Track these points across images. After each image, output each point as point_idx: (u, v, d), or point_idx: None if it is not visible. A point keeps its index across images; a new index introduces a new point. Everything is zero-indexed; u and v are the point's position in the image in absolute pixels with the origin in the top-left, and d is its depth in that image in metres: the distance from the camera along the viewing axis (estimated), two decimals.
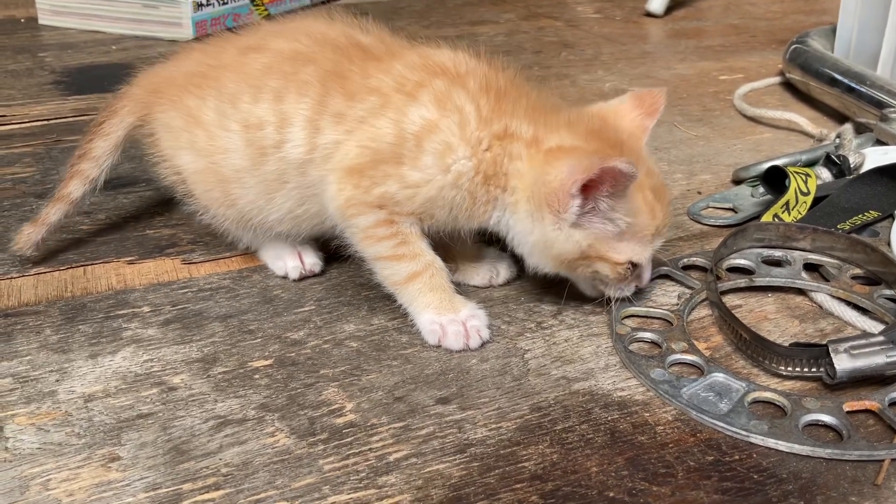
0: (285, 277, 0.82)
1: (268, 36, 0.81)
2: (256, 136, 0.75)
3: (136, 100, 0.85)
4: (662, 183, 0.75)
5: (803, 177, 0.90)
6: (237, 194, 0.78)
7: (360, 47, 0.77)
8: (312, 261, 0.82)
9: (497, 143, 0.71)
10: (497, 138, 0.71)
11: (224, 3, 1.69)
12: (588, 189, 0.68)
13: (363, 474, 0.58)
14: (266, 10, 1.80)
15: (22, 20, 1.78)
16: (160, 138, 0.82)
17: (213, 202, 0.80)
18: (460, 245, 0.80)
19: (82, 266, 0.84)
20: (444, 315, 0.73)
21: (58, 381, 0.68)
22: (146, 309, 0.77)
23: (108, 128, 0.85)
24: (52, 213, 0.84)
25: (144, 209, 0.96)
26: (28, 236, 0.83)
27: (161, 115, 0.81)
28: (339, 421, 0.64)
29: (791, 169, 0.92)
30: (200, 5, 1.64)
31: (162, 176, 0.83)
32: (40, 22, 1.74)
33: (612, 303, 0.75)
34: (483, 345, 0.73)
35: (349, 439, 0.62)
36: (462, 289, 0.79)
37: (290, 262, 0.82)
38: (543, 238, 0.71)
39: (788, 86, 1.40)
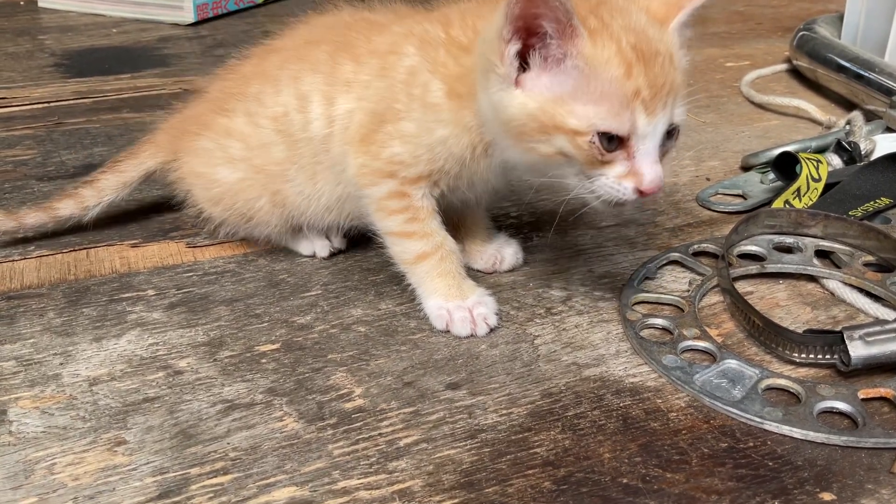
0: (313, 257, 0.82)
1: (280, 40, 0.82)
2: (285, 124, 0.75)
3: (160, 145, 0.85)
4: (656, 49, 0.61)
5: (815, 163, 0.90)
6: (284, 190, 0.77)
7: (367, 20, 0.77)
8: (340, 239, 0.83)
9: (463, 53, 0.67)
10: (459, 47, 0.67)
11: None
12: (527, 32, 0.60)
13: (373, 459, 0.58)
14: None
15: (22, 2, 1.76)
16: (191, 168, 0.81)
17: (259, 211, 0.79)
18: (471, 221, 0.80)
19: (85, 249, 0.83)
20: (452, 301, 0.72)
21: (62, 364, 0.67)
22: (151, 292, 0.76)
23: (124, 167, 0.85)
24: (31, 217, 0.83)
25: (147, 192, 0.94)
26: None
27: (189, 146, 0.81)
28: (348, 406, 0.63)
29: (802, 155, 0.91)
30: None
31: (194, 209, 0.82)
32: (40, 5, 1.73)
33: (594, 198, 0.64)
34: (491, 331, 0.72)
35: (358, 424, 0.61)
36: (471, 273, 0.78)
37: (318, 242, 0.82)
38: (490, 107, 0.63)
39: (795, 73, 1.39)
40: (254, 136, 0.77)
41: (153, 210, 0.91)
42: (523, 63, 0.62)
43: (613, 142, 0.61)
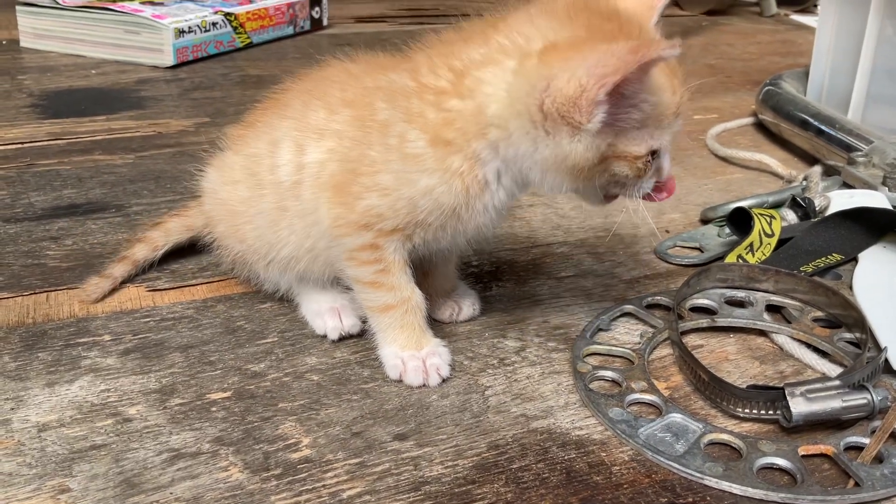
0: (324, 337, 0.79)
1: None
2: (254, 165, 0.77)
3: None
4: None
5: (767, 218, 0.91)
6: (243, 230, 0.79)
7: (346, 70, 0.77)
8: (351, 322, 0.78)
9: (437, 96, 0.66)
10: (437, 93, 0.66)
11: (206, 31, 1.70)
12: (614, 89, 0.58)
13: None
14: (248, 37, 1.81)
15: (3, 42, 1.78)
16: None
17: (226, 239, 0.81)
18: (441, 272, 0.81)
19: (45, 292, 0.84)
20: (407, 351, 0.73)
21: (13, 409, 0.67)
22: (107, 337, 0.77)
23: (188, 212, 0.89)
24: (118, 269, 0.86)
25: (112, 235, 0.95)
26: (96, 287, 0.84)
27: None
28: (295, 456, 0.63)
29: (756, 210, 0.93)
30: (182, 32, 1.64)
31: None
32: (22, 44, 1.74)
33: (636, 199, 0.68)
34: (444, 381, 0.72)
35: (303, 475, 0.61)
36: (429, 322, 0.78)
37: (329, 322, 0.78)
38: (554, 155, 0.63)
39: (761, 126, 1.42)
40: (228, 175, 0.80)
41: (116, 254, 0.91)
42: None
43: (657, 153, 0.65)
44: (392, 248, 0.71)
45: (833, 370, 0.75)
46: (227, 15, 1.76)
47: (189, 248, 0.90)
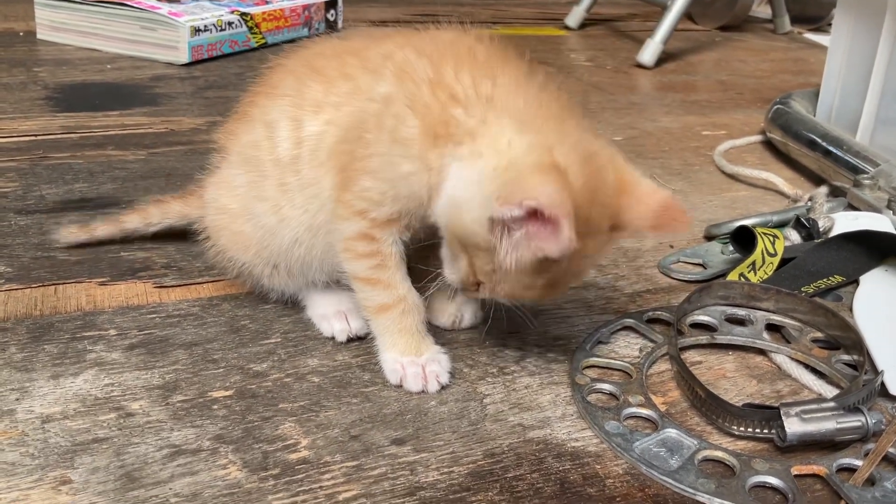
0: (330, 339, 0.80)
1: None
2: (256, 154, 0.77)
3: None
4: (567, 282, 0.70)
5: (771, 238, 0.92)
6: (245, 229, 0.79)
7: (339, 47, 0.78)
8: (359, 324, 0.79)
9: (454, 104, 0.67)
10: (450, 96, 0.67)
11: (221, 30, 1.72)
12: (532, 216, 0.61)
13: None
14: (263, 37, 1.82)
15: (21, 34, 1.80)
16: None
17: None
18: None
19: (54, 285, 0.85)
20: (407, 356, 0.73)
21: (17, 399, 0.68)
22: (112, 332, 0.78)
23: (192, 200, 0.90)
24: (101, 230, 0.91)
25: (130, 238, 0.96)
26: (71, 234, 0.91)
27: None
28: (293, 457, 0.64)
29: (759, 230, 0.93)
30: (198, 30, 1.66)
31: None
32: (38, 37, 1.76)
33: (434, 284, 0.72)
34: (443, 388, 0.73)
35: (301, 476, 0.62)
36: (431, 328, 0.79)
37: (336, 325, 0.79)
38: (464, 198, 0.65)
39: (769, 145, 1.42)
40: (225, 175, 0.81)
41: (124, 249, 0.93)
42: None
43: None
44: (390, 239, 0.72)
45: (830, 391, 0.75)
46: (242, 15, 1.77)
47: (196, 247, 0.91)
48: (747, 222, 0.99)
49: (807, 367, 0.79)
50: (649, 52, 1.92)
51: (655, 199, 0.68)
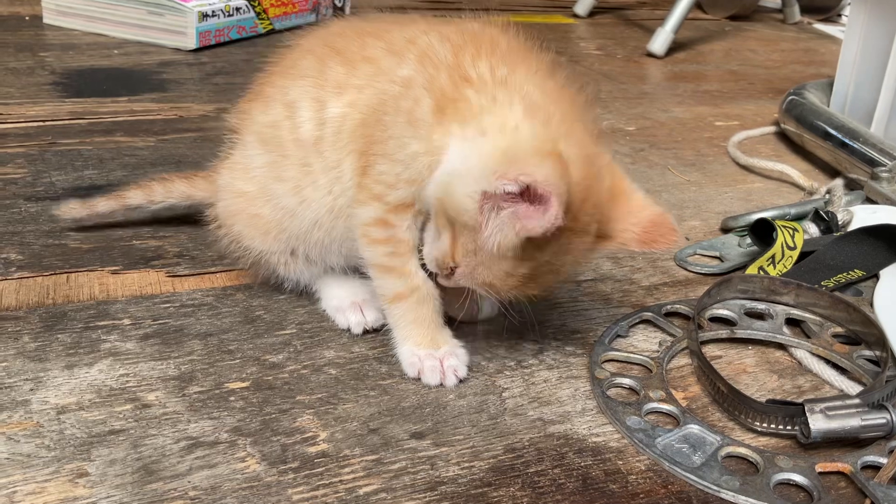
0: (346, 331, 0.79)
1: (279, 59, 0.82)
2: (272, 130, 0.76)
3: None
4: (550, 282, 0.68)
5: (791, 231, 0.91)
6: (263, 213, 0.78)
7: (360, 29, 0.77)
8: (374, 316, 0.78)
9: (466, 84, 0.66)
10: (464, 78, 0.66)
11: (229, 16, 1.70)
12: (524, 195, 0.60)
13: None
14: (270, 23, 1.81)
15: (27, 18, 1.78)
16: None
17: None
18: None
19: (66, 273, 0.84)
20: (424, 349, 0.73)
21: (32, 390, 0.67)
22: (126, 322, 0.77)
23: (197, 182, 0.90)
24: (102, 205, 0.90)
25: (133, 218, 0.95)
26: (71, 210, 0.90)
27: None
28: (312, 450, 0.63)
29: (779, 223, 0.92)
30: (206, 16, 1.64)
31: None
32: (45, 21, 1.74)
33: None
34: (461, 381, 0.72)
35: (320, 469, 0.61)
36: (448, 320, 0.78)
37: (352, 317, 0.78)
38: (460, 171, 0.64)
39: (783, 136, 1.41)
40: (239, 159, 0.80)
41: (136, 237, 0.92)
42: None
43: None
44: (405, 225, 0.71)
45: (851, 387, 0.75)
46: (250, 0, 1.75)
47: (208, 234, 0.90)
48: (765, 215, 0.98)
49: (828, 362, 0.78)
50: (660, 42, 1.90)
51: (646, 214, 0.68)
